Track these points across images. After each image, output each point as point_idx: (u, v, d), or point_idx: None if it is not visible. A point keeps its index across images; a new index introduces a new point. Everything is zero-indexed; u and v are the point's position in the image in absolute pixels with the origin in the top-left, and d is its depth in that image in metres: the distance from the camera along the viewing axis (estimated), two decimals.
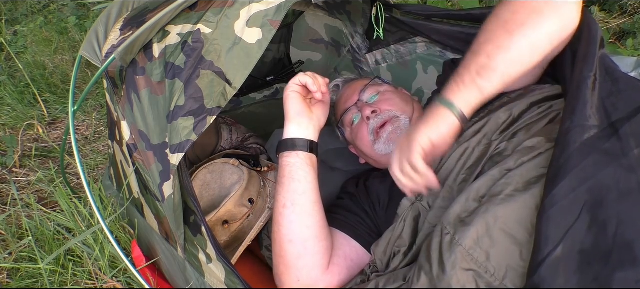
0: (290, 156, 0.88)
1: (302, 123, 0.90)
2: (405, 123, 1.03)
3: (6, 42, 2.38)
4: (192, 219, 0.85)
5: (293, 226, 0.84)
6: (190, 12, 0.84)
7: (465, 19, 1.13)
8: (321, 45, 1.65)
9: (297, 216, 0.85)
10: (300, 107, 0.90)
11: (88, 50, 0.94)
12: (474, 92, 0.71)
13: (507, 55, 0.69)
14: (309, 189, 0.86)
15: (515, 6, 0.71)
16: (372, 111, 1.04)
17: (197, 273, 0.86)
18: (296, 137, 0.89)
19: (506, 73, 0.70)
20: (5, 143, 1.62)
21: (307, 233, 0.84)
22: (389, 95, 1.09)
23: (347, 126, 1.14)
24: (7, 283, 1.08)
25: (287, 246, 0.85)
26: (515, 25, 0.70)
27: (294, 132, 0.90)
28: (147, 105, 0.84)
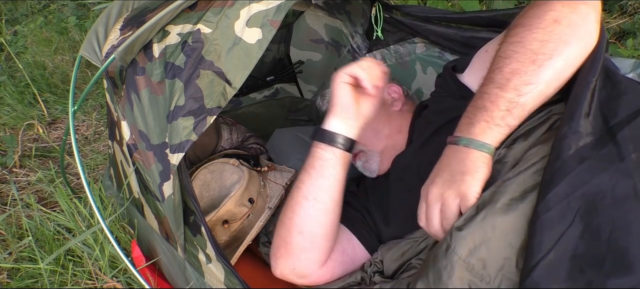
0: (326, 150, 0.83)
1: (346, 118, 0.84)
2: (373, 157, 1.06)
3: (6, 42, 2.38)
4: (192, 219, 0.85)
5: (308, 220, 0.82)
6: (190, 12, 0.84)
7: (464, 22, 1.14)
8: (321, 45, 1.65)
9: (315, 211, 0.82)
10: (347, 101, 0.83)
11: (88, 50, 0.94)
12: (503, 130, 0.68)
13: (535, 89, 0.66)
14: (334, 188, 0.84)
15: (541, 34, 0.67)
16: None
17: (196, 273, 0.86)
18: (337, 132, 0.83)
19: (533, 106, 0.68)
20: (5, 143, 1.62)
21: (319, 230, 0.83)
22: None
23: None
24: (7, 283, 1.08)
25: (295, 236, 0.83)
26: (544, 57, 0.66)
27: (336, 127, 0.84)
28: (147, 105, 0.84)
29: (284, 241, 0.84)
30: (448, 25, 1.18)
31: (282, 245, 0.85)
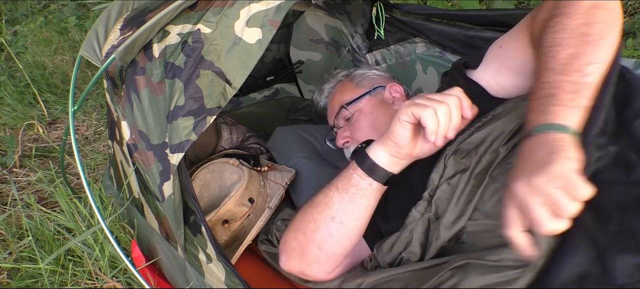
0: (363, 178, 0.78)
1: (395, 156, 0.76)
2: None
3: (6, 42, 2.38)
4: (192, 219, 0.85)
5: (330, 240, 0.80)
6: (190, 12, 0.84)
7: (464, 19, 1.14)
8: (321, 45, 1.65)
9: (339, 234, 0.80)
10: (403, 142, 0.74)
11: (88, 50, 0.94)
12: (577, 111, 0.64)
13: (598, 68, 0.65)
14: (363, 216, 0.80)
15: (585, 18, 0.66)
16: (344, 142, 1.12)
17: (197, 273, 0.86)
18: (380, 166, 0.77)
19: (595, 86, 0.65)
20: (5, 143, 1.62)
21: (338, 251, 0.82)
22: (362, 121, 1.11)
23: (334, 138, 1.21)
24: (7, 283, 1.08)
25: (313, 249, 0.81)
26: (597, 37, 0.65)
27: (382, 159, 0.77)
28: (147, 105, 0.84)
29: (302, 248, 0.83)
30: (451, 25, 1.18)
31: (297, 249, 0.83)
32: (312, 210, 0.82)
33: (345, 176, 0.80)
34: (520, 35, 0.80)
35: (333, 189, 0.80)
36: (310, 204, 0.84)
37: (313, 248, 0.81)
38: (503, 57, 0.83)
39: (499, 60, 0.84)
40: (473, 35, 1.12)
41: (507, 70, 0.83)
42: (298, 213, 0.86)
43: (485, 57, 0.87)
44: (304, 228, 0.82)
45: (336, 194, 0.80)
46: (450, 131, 0.70)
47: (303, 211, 0.84)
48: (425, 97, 0.71)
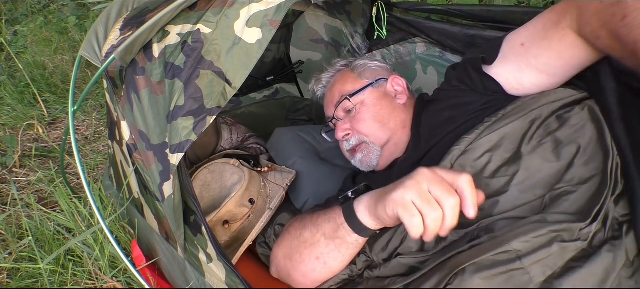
0: (350, 234, 0.77)
1: (381, 224, 0.74)
2: (374, 151, 1.04)
3: (6, 42, 2.38)
4: (193, 219, 0.85)
5: (314, 274, 0.84)
6: (190, 12, 0.84)
7: (464, 16, 1.13)
8: (321, 45, 1.65)
9: (322, 271, 0.84)
10: (388, 222, 0.72)
11: (88, 51, 0.94)
12: None
13: None
14: (346, 260, 0.83)
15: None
16: (345, 135, 1.08)
17: (197, 273, 0.86)
18: (367, 227, 0.75)
19: None
20: (5, 143, 1.62)
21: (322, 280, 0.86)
22: (365, 113, 1.06)
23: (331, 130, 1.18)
24: (7, 283, 1.08)
25: (298, 275, 0.86)
26: None
27: (367, 222, 0.75)
28: (147, 105, 0.84)
29: (288, 271, 0.88)
30: (453, 23, 1.17)
31: (284, 270, 0.88)
32: (300, 243, 0.85)
33: (332, 223, 0.79)
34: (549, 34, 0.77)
35: (320, 233, 0.82)
36: (298, 234, 0.86)
37: (298, 275, 0.86)
38: (526, 55, 0.82)
39: (520, 57, 0.83)
40: (474, 34, 1.12)
41: (530, 68, 0.82)
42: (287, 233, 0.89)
43: (503, 53, 0.85)
44: (291, 255, 0.86)
45: (323, 238, 0.81)
46: (443, 232, 0.62)
47: (292, 238, 0.87)
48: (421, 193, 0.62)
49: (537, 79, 0.82)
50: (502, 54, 0.85)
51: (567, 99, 0.79)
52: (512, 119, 0.78)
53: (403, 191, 0.64)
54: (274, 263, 0.92)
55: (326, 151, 1.34)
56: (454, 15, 1.16)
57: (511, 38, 0.85)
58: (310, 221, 0.86)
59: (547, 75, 0.80)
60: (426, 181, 0.63)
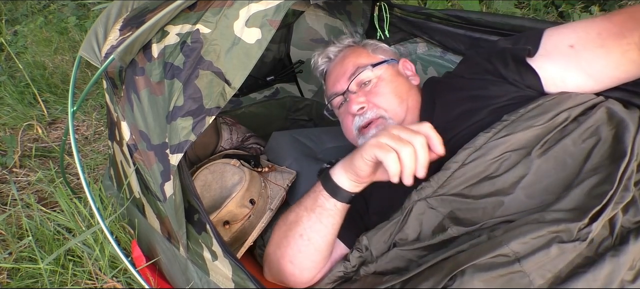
0: (327, 200, 0.82)
1: (357, 182, 0.80)
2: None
3: (6, 42, 2.38)
4: (196, 218, 0.85)
5: (300, 255, 0.84)
6: (189, 12, 0.84)
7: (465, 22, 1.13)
8: (321, 45, 1.64)
9: (307, 250, 0.84)
10: (364, 173, 0.77)
11: (87, 51, 0.94)
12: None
13: None
14: (329, 233, 0.84)
15: None
16: (360, 108, 0.98)
17: (200, 272, 0.86)
18: (343, 189, 0.80)
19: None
20: (5, 143, 1.62)
21: (310, 265, 0.86)
22: (383, 87, 1.01)
23: (335, 107, 1.10)
24: (7, 283, 1.08)
25: (286, 263, 0.86)
26: None
27: (344, 183, 0.80)
28: (146, 105, 0.84)
29: (277, 261, 0.87)
30: (456, 26, 1.17)
31: (274, 263, 0.88)
32: (285, 227, 0.87)
33: (312, 196, 0.84)
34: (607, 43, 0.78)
35: (302, 208, 0.85)
36: (284, 220, 0.88)
37: (286, 262, 0.86)
38: (576, 58, 0.82)
39: (569, 59, 0.83)
40: (478, 37, 1.12)
41: (578, 70, 0.82)
42: (275, 227, 0.90)
43: (545, 49, 0.85)
44: (278, 243, 0.87)
45: (304, 213, 0.84)
46: (420, 170, 0.69)
47: (278, 226, 0.89)
48: (391, 136, 0.70)
49: (583, 81, 0.82)
50: (544, 50, 0.85)
51: (588, 103, 0.79)
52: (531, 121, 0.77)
53: (376, 137, 0.72)
54: (266, 263, 0.92)
55: (324, 151, 1.34)
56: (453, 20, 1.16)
57: (554, 36, 0.85)
58: (295, 204, 0.88)
59: (594, 80, 0.82)
60: (394, 129, 0.72)
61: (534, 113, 0.79)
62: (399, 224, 0.79)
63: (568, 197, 0.68)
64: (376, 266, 0.80)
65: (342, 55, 1.12)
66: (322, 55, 1.19)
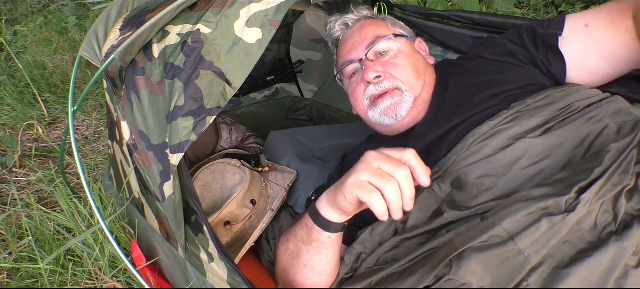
0: (321, 234, 0.79)
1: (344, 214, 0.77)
2: (407, 100, 0.92)
3: (6, 42, 2.38)
4: (194, 219, 0.85)
5: (308, 282, 0.84)
6: (190, 12, 0.84)
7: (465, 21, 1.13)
8: (321, 45, 1.65)
9: (314, 276, 0.84)
10: (350, 210, 0.74)
11: (88, 51, 0.94)
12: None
13: None
14: (332, 259, 0.83)
15: None
16: (376, 76, 0.93)
17: (198, 273, 0.86)
18: (332, 222, 0.78)
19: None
20: (5, 143, 1.62)
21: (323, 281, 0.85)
22: (401, 59, 0.96)
23: (346, 77, 1.04)
24: (7, 283, 1.08)
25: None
26: None
27: (332, 217, 0.78)
28: (147, 105, 0.83)
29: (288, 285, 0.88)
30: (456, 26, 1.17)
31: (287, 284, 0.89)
32: (289, 258, 0.87)
33: (305, 229, 0.82)
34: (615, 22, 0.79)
35: (299, 241, 0.84)
36: (286, 250, 0.88)
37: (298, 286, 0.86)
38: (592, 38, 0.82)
39: (585, 40, 0.83)
40: (479, 36, 1.12)
41: (595, 52, 0.82)
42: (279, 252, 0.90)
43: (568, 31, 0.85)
44: (286, 271, 0.88)
45: (302, 246, 0.83)
46: (407, 204, 0.64)
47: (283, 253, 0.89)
48: (373, 171, 0.65)
49: (599, 65, 0.83)
50: (567, 33, 0.85)
51: (594, 98, 0.80)
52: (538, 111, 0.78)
53: (356, 174, 0.67)
54: (279, 279, 0.93)
55: (321, 151, 1.34)
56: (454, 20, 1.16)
57: (572, 19, 0.85)
58: (291, 232, 0.87)
59: (608, 63, 0.82)
60: (375, 161, 0.66)
61: (542, 103, 0.79)
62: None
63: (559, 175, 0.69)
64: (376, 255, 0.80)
65: (361, 25, 1.06)
66: (339, 22, 1.12)
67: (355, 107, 1.02)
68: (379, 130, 1.01)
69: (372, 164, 0.66)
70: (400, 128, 0.96)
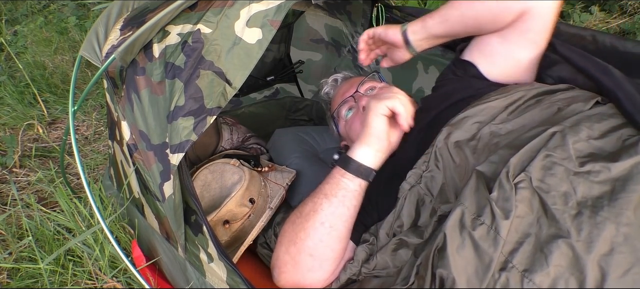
0: (352, 181, 0.83)
1: (378, 150, 0.85)
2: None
3: (6, 42, 2.38)
4: (193, 219, 0.85)
5: (321, 245, 0.82)
6: (190, 12, 0.84)
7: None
8: (321, 45, 1.65)
9: (329, 238, 0.82)
10: (383, 133, 0.85)
11: (88, 50, 0.94)
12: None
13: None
14: (351, 216, 0.84)
15: None
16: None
17: (198, 273, 0.86)
18: (366, 166, 0.84)
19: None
20: (5, 143, 1.62)
21: (330, 255, 0.83)
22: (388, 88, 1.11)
23: (341, 119, 1.15)
24: (7, 283, 1.08)
25: (305, 257, 0.82)
26: None
27: (366, 158, 0.84)
28: (147, 105, 0.84)
29: (293, 259, 0.84)
30: None
31: (289, 262, 0.84)
32: (301, 219, 0.84)
33: (331, 182, 0.85)
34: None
35: (321, 196, 0.84)
36: (298, 214, 0.86)
37: (305, 257, 0.82)
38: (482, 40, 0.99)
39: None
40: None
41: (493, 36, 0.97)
42: (286, 226, 0.88)
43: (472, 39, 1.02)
44: (294, 238, 0.84)
45: (325, 199, 0.83)
46: (410, 118, 0.87)
47: (292, 222, 0.86)
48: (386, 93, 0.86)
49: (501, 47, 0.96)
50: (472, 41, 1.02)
51: (545, 88, 0.85)
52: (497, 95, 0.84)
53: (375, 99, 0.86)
54: (277, 267, 0.87)
55: (324, 152, 1.34)
56: None
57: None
58: (309, 196, 0.87)
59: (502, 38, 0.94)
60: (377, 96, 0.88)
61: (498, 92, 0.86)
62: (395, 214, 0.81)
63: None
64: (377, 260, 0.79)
65: (349, 80, 1.25)
66: (330, 80, 1.32)
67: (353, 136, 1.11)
68: None
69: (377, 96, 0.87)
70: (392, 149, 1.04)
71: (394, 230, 0.81)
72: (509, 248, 0.62)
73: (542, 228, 0.62)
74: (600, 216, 0.59)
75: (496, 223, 0.62)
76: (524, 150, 0.68)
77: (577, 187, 0.63)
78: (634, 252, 0.56)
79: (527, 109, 0.80)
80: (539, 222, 0.63)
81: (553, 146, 0.67)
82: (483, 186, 0.68)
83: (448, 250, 0.63)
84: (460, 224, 0.65)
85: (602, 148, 0.67)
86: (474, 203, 0.66)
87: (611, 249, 0.57)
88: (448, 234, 0.65)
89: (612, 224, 0.58)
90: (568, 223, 0.60)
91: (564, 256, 0.58)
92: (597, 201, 0.61)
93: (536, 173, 0.65)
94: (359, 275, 0.82)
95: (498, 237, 0.62)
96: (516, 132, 0.75)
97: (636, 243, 0.57)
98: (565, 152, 0.66)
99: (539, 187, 0.64)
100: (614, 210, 0.59)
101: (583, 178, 0.63)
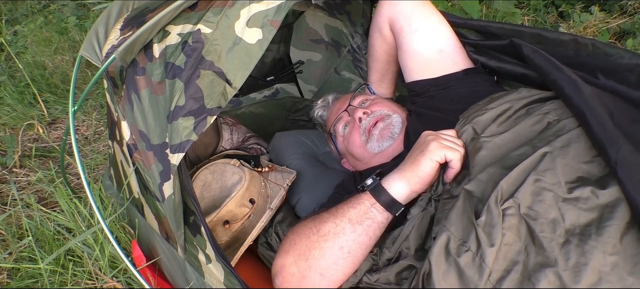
0: (381, 213, 0.79)
1: (414, 191, 0.80)
2: (397, 120, 1.09)
3: (6, 42, 2.38)
4: (192, 220, 0.85)
5: (335, 268, 0.79)
6: (190, 12, 0.84)
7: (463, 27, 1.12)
8: (321, 45, 1.65)
9: (345, 263, 0.79)
10: (428, 177, 0.79)
11: (88, 50, 0.94)
12: None
13: None
14: (371, 245, 0.81)
15: None
16: (364, 113, 1.12)
17: (196, 273, 0.86)
18: (399, 201, 0.79)
19: None
20: (5, 143, 1.62)
21: (341, 278, 0.80)
22: (378, 100, 1.18)
23: (339, 136, 1.20)
24: (7, 283, 1.08)
25: (314, 275, 0.79)
26: None
27: (401, 194, 0.79)
28: (147, 105, 0.84)
29: (301, 273, 0.80)
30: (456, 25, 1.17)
31: (296, 275, 0.81)
32: (318, 238, 0.80)
33: (359, 208, 0.80)
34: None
35: (345, 220, 0.79)
36: (314, 230, 0.81)
37: (315, 274, 0.79)
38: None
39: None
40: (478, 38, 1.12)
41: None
42: (296, 237, 0.83)
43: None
44: (307, 254, 0.80)
45: (349, 225, 0.79)
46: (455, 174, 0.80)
47: (306, 236, 0.82)
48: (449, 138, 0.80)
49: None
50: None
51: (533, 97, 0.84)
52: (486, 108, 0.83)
53: (438, 143, 0.78)
54: (280, 273, 0.83)
55: (323, 155, 1.35)
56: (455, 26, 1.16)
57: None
58: (328, 215, 0.82)
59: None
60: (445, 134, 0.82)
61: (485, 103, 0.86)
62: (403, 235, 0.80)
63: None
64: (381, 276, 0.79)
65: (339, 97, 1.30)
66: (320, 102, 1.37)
67: (353, 151, 1.14)
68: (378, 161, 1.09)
69: (445, 135, 0.81)
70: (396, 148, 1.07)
71: (400, 249, 0.80)
72: (497, 276, 0.61)
73: (530, 256, 0.61)
74: (588, 244, 0.59)
75: (482, 250, 0.62)
76: (514, 173, 0.67)
77: (565, 214, 0.62)
78: (621, 281, 0.56)
79: (516, 121, 0.79)
80: (527, 250, 0.62)
81: (543, 169, 0.67)
82: (470, 208, 0.67)
83: (433, 277, 0.63)
84: (446, 250, 0.65)
85: (590, 172, 0.67)
86: (459, 229, 0.66)
87: (599, 278, 0.57)
88: (433, 261, 0.65)
89: (600, 252, 0.58)
90: (556, 251, 0.60)
91: (551, 285, 0.58)
92: (585, 229, 0.61)
93: (525, 199, 0.65)
94: (360, 283, 0.82)
95: (483, 264, 0.61)
96: (505, 148, 0.74)
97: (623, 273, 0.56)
98: (554, 176, 0.66)
99: (527, 214, 0.64)
100: (601, 238, 0.59)
101: (571, 205, 0.63)
